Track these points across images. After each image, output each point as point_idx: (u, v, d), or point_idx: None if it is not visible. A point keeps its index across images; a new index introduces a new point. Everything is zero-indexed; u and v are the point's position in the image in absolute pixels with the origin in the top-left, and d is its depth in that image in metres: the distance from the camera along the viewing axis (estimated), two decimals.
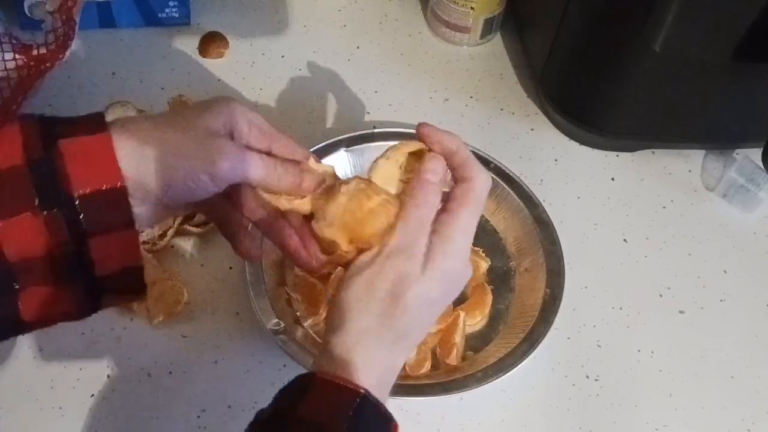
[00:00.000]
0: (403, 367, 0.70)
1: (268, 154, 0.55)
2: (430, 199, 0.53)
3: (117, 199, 0.48)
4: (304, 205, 0.56)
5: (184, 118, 0.51)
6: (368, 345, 0.51)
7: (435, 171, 0.54)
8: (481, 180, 0.54)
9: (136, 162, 0.49)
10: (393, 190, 0.55)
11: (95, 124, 0.49)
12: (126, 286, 0.52)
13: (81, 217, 0.47)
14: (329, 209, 0.54)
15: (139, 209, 0.50)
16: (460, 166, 0.54)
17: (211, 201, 0.54)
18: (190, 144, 0.50)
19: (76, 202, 0.47)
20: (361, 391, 0.49)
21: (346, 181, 0.55)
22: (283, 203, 0.55)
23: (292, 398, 0.49)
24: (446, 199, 0.54)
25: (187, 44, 0.92)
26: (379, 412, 0.50)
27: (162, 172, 0.49)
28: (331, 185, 0.56)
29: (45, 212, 0.47)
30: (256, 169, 0.53)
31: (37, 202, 0.47)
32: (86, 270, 0.49)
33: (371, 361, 0.51)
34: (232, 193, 0.55)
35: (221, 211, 0.57)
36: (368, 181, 0.55)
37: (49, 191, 0.47)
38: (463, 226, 0.53)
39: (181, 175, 0.50)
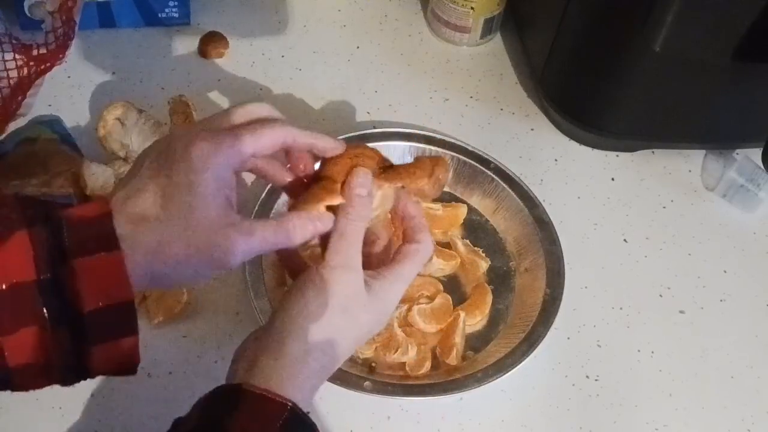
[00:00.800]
0: (403, 367, 0.71)
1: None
2: (363, 212, 0.56)
3: (125, 311, 0.48)
4: None
5: (182, 212, 0.49)
6: (300, 368, 0.53)
7: (363, 185, 0.56)
8: (428, 246, 0.60)
9: (146, 280, 0.49)
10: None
11: (106, 240, 0.47)
12: (119, 373, 0.53)
13: (87, 330, 0.47)
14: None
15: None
16: (415, 230, 0.59)
17: None
18: (198, 255, 0.49)
19: (85, 319, 0.47)
20: (289, 404, 0.50)
21: None
22: None
23: (219, 411, 0.50)
24: (393, 255, 0.59)
25: (187, 44, 0.92)
26: (305, 424, 0.52)
27: (176, 281, 0.51)
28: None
29: (53, 329, 0.47)
30: (266, 246, 0.53)
31: (46, 317, 0.46)
32: (83, 372, 0.50)
33: (298, 379, 0.53)
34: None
35: None
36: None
37: (59, 308, 0.47)
38: (405, 275, 0.58)
39: (189, 275, 0.51)
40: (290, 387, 0.52)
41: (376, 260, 0.59)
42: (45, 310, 0.46)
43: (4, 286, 0.46)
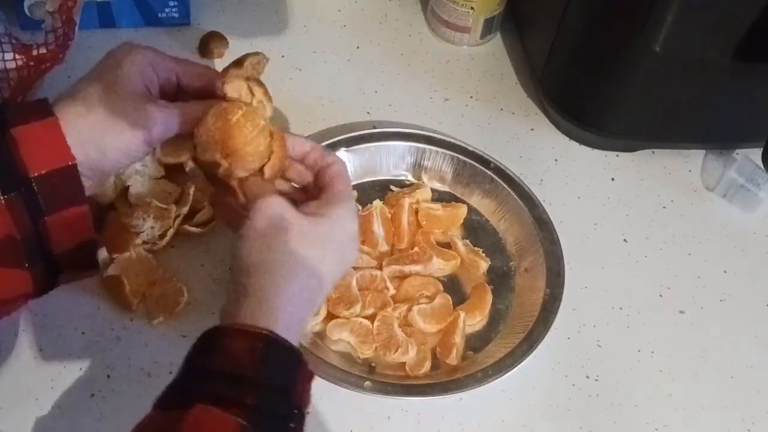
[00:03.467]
0: (403, 367, 0.71)
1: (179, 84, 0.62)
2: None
3: (70, 176, 0.53)
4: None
5: (108, 89, 0.56)
6: (279, 293, 0.54)
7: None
8: (341, 161, 0.63)
9: (79, 142, 0.53)
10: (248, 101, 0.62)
11: (42, 109, 0.53)
12: (81, 263, 0.56)
13: (38, 197, 0.51)
14: (199, 133, 0.58)
15: (85, 184, 0.55)
16: (323, 157, 0.63)
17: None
18: (122, 121, 0.55)
19: (33, 184, 0.51)
20: (265, 332, 0.52)
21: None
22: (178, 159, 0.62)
23: (201, 355, 0.52)
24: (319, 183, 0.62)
25: (187, 44, 0.92)
26: (288, 348, 0.53)
27: (104, 147, 0.55)
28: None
29: (5, 196, 0.50)
30: (184, 120, 0.58)
31: None
32: (44, 249, 0.53)
33: (270, 308, 0.54)
34: None
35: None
36: (227, 102, 0.61)
37: (6, 176, 0.50)
38: (341, 193, 0.60)
39: (121, 146, 0.55)
40: (264, 319, 0.53)
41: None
42: None
43: None
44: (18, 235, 0.51)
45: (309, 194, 0.63)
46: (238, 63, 0.64)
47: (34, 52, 0.82)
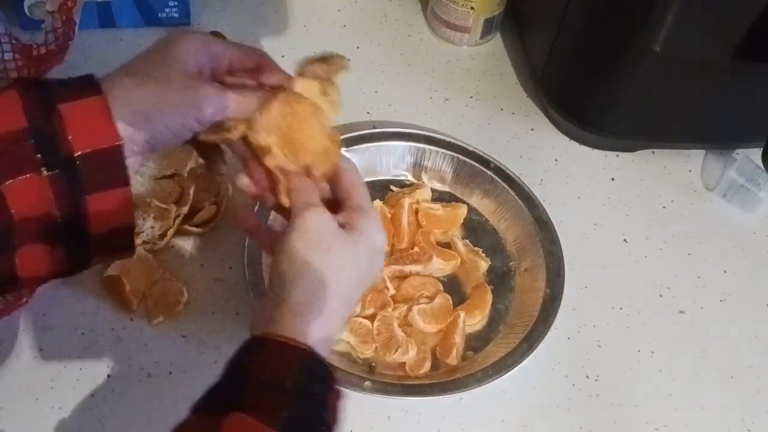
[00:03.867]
0: (403, 367, 0.71)
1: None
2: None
3: (114, 157, 0.51)
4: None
5: (160, 67, 0.55)
6: (315, 310, 0.54)
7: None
8: (351, 164, 0.61)
9: (128, 121, 0.52)
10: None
11: (90, 86, 0.52)
12: (117, 245, 0.56)
13: (81, 176, 0.50)
14: (262, 117, 0.57)
15: (130, 161, 0.53)
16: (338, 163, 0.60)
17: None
18: (176, 97, 0.54)
19: (77, 162, 0.50)
20: (306, 347, 0.52)
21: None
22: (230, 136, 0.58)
23: (243, 359, 0.52)
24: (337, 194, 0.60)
25: None
26: (324, 370, 0.53)
27: (155, 121, 0.53)
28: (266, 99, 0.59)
29: (48, 173, 0.50)
30: (236, 107, 0.56)
31: (41, 163, 0.49)
32: (82, 228, 0.52)
33: (304, 324, 0.53)
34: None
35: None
36: (296, 93, 0.60)
37: (51, 153, 0.50)
38: (361, 198, 0.58)
39: (172, 122, 0.54)
40: (302, 334, 0.53)
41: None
42: (39, 156, 0.49)
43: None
44: (58, 212, 0.51)
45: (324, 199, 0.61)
46: (323, 60, 0.63)
47: (34, 52, 0.83)
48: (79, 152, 0.50)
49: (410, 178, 0.84)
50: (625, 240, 0.83)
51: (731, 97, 0.82)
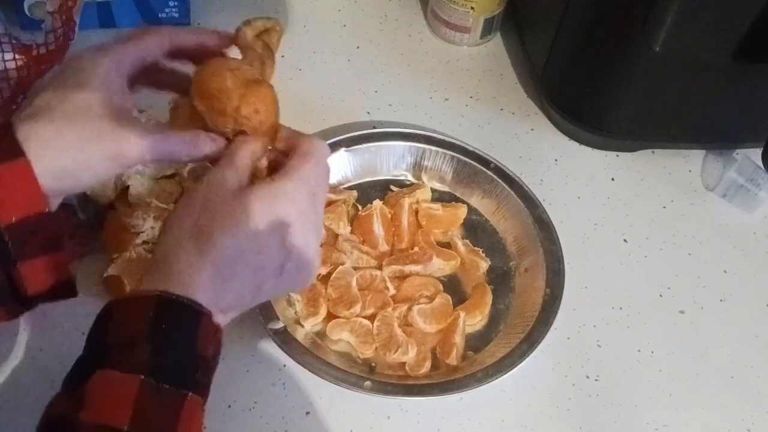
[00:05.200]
0: (403, 367, 0.71)
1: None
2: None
3: (42, 222, 0.50)
4: None
5: (77, 108, 0.52)
6: (181, 251, 0.51)
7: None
8: (315, 142, 0.58)
9: (52, 181, 0.50)
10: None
11: (11, 147, 0.49)
12: (56, 296, 0.54)
13: (9, 245, 0.49)
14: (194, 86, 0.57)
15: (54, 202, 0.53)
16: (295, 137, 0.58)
17: None
18: (96, 150, 0.52)
19: (3, 233, 0.49)
20: (155, 293, 0.49)
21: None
22: None
23: (96, 331, 0.51)
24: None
25: None
26: (182, 304, 0.50)
27: (77, 180, 0.52)
28: None
29: None
30: (159, 146, 0.54)
31: None
32: (17, 292, 0.51)
33: (175, 269, 0.51)
34: None
35: None
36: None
37: None
38: (295, 171, 0.55)
39: (96, 175, 0.53)
40: (161, 281, 0.51)
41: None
42: None
43: None
44: None
45: None
46: (260, 31, 0.63)
47: (34, 52, 0.82)
48: (5, 222, 0.49)
49: (410, 178, 0.84)
50: (625, 240, 0.83)
51: (731, 97, 0.82)
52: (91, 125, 0.52)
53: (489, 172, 0.82)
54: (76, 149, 0.51)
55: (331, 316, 0.73)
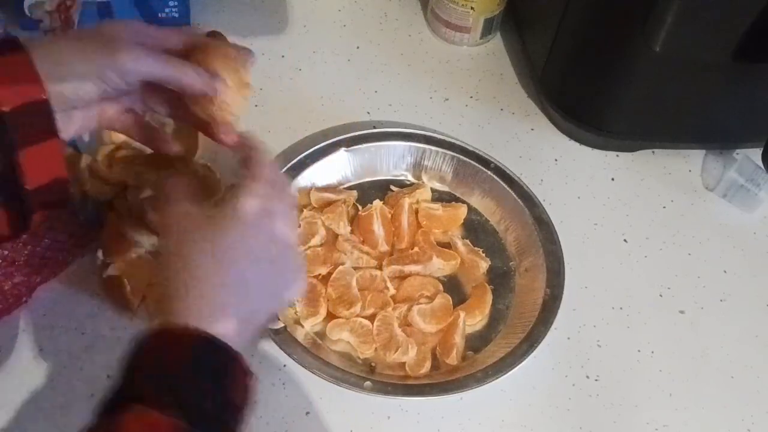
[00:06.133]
0: (403, 367, 0.71)
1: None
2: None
3: (42, 110, 0.52)
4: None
5: (84, 33, 0.57)
6: (181, 293, 0.54)
7: None
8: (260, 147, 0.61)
9: (50, 72, 0.53)
10: None
11: (11, 45, 0.52)
12: (53, 198, 0.56)
13: (11, 132, 0.51)
14: None
15: (61, 116, 0.54)
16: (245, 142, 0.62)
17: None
18: (91, 45, 0.56)
19: (6, 118, 0.51)
20: (195, 333, 0.51)
21: None
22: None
23: (132, 358, 0.52)
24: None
25: None
26: (218, 347, 0.52)
27: (71, 74, 0.54)
28: None
29: None
30: (158, 64, 0.57)
31: None
32: (17, 184, 0.53)
33: (190, 305, 0.53)
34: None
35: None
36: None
37: None
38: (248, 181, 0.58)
39: (92, 73, 0.55)
40: (180, 316, 0.53)
41: None
42: None
43: None
44: None
45: None
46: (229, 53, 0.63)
47: None
48: (7, 108, 0.51)
49: (410, 178, 0.84)
50: (625, 240, 0.83)
51: (731, 97, 0.82)
52: (95, 34, 0.56)
53: (489, 172, 0.82)
54: (72, 45, 0.55)
55: (331, 316, 0.73)
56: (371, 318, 0.73)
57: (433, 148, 0.83)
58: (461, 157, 0.82)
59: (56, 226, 0.72)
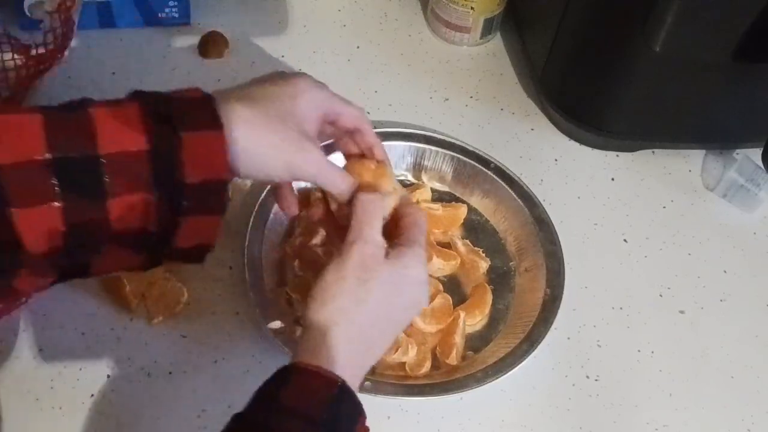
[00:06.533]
0: (403, 367, 0.71)
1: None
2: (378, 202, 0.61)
3: (219, 188, 0.54)
4: None
5: (280, 112, 0.56)
6: (342, 328, 0.55)
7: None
8: (420, 212, 0.63)
9: (239, 159, 0.54)
10: None
11: (211, 116, 0.53)
12: (191, 258, 0.58)
13: (186, 201, 0.53)
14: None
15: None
16: (404, 206, 0.63)
17: None
18: (283, 151, 0.56)
19: (186, 190, 0.52)
20: (339, 380, 0.53)
21: None
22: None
23: (274, 388, 0.53)
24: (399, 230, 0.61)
25: (187, 44, 0.92)
26: (353, 402, 0.53)
27: (259, 168, 0.56)
28: None
29: (158, 194, 0.52)
30: (332, 178, 0.59)
31: (154, 185, 0.51)
32: (167, 242, 0.54)
33: (345, 348, 0.55)
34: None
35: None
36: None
37: (165, 177, 0.52)
38: (415, 239, 0.60)
39: (275, 173, 0.57)
40: (326, 360, 0.54)
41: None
42: (153, 178, 0.51)
43: (113, 151, 0.51)
44: (154, 229, 0.53)
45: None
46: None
47: (33, 52, 0.82)
48: (191, 181, 0.52)
49: (410, 178, 0.84)
50: (625, 240, 0.83)
51: (731, 97, 0.82)
52: (285, 127, 0.56)
53: (489, 172, 0.82)
54: (264, 139, 0.55)
55: None
56: None
57: (433, 148, 0.83)
58: (461, 157, 0.82)
59: None
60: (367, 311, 0.56)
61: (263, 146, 0.55)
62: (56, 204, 0.50)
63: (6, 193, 0.49)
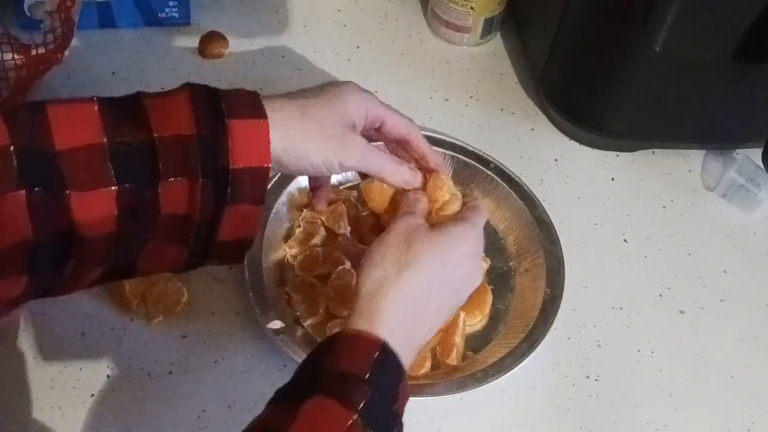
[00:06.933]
0: None
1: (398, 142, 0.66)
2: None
3: (261, 176, 0.55)
4: None
5: (323, 109, 0.59)
6: (388, 292, 0.57)
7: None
8: (480, 205, 0.66)
9: (282, 149, 0.56)
10: None
11: (258, 107, 0.56)
12: (231, 255, 0.59)
13: (229, 187, 0.54)
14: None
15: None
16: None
17: None
18: (327, 142, 0.58)
19: (231, 175, 0.54)
20: (380, 341, 0.54)
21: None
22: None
23: (320, 354, 0.55)
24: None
25: (187, 44, 0.92)
26: (395, 363, 0.55)
27: (300, 159, 0.58)
28: None
29: (204, 179, 0.53)
30: (378, 165, 0.62)
31: (201, 169, 0.53)
32: (210, 234, 0.56)
33: (391, 310, 0.56)
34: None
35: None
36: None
37: (212, 161, 0.53)
38: (469, 219, 0.63)
39: (317, 163, 0.58)
40: (370, 322, 0.55)
41: None
42: (201, 162, 0.53)
43: (166, 134, 0.53)
44: (198, 216, 0.54)
45: None
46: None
47: (33, 52, 0.82)
48: (236, 166, 0.53)
49: None
50: (625, 240, 0.83)
51: (731, 97, 0.82)
52: (329, 120, 0.59)
53: (489, 172, 0.82)
54: (307, 132, 0.58)
55: (330, 316, 0.73)
56: None
57: (433, 148, 0.83)
58: (461, 157, 0.82)
59: None
60: (414, 276, 0.58)
61: (306, 137, 0.57)
62: (112, 188, 0.52)
63: (64, 176, 0.51)
